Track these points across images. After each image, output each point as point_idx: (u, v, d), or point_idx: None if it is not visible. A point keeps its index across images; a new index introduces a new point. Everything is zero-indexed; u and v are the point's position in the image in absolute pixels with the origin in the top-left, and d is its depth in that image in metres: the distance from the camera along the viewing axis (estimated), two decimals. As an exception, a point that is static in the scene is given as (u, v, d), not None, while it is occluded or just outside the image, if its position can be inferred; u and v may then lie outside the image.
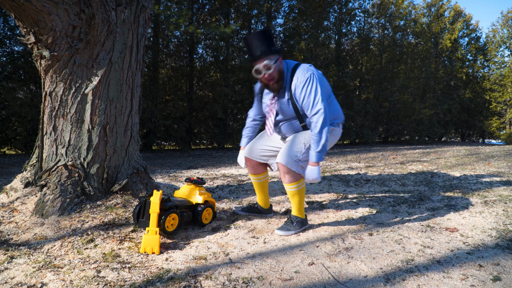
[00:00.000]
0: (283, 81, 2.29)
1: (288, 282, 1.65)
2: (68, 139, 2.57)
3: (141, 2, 2.76)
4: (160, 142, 10.94)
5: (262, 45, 2.20)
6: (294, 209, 2.38)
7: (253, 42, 2.21)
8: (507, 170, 5.13)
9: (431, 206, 3.02)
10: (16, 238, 2.10)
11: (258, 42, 2.20)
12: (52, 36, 2.41)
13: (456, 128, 23.25)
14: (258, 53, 2.20)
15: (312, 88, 2.20)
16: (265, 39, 2.20)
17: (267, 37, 2.21)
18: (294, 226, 2.32)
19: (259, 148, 2.55)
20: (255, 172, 2.62)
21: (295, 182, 2.29)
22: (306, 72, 2.23)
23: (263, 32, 2.21)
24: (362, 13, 16.25)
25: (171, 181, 4.25)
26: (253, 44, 2.21)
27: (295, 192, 2.32)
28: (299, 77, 2.23)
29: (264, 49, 2.20)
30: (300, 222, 2.36)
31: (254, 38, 2.21)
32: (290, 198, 2.37)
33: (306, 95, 2.21)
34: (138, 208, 2.17)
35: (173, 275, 1.68)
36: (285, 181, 2.30)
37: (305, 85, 2.21)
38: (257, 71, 2.24)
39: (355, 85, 16.29)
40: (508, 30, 21.14)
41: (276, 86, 2.28)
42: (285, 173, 2.27)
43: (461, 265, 1.84)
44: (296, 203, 2.36)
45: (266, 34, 2.22)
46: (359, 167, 5.70)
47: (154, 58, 10.32)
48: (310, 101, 2.20)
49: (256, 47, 2.21)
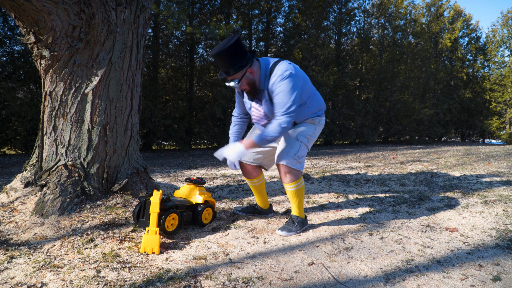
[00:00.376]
0: (256, 89, 2.26)
1: (288, 282, 1.65)
2: (68, 139, 2.57)
3: (141, 2, 2.76)
4: (160, 142, 10.94)
5: (226, 64, 2.14)
6: (295, 209, 2.38)
7: (218, 61, 2.16)
8: (507, 170, 5.13)
9: (431, 206, 3.02)
10: (16, 238, 2.10)
11: (221, 61, 2.14)
12: (52, 36, 2.41)
13: (456, 128, 23.26)
14: (223, 75, 2.19)
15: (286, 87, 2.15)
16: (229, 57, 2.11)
17: (230, 54, 2.11)
18: (295, 226, 2.32)
19: (251, 151, 2.50)
20: (251, 176, 2.60)
21: (296, 181, 2.29)
22: (283, 72, 2.17)
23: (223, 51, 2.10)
24: (362, 13, 16.25)
25: (171, 181, 4.25)
26: (218, 62, 2.17)
27: (295, 192, 2.32)
28: (275, 76, 2.18)
29: (227, 68, 2.15)
30: (301, 222, 2.36)
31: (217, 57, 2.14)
32: (291, 198, 2.36)
33: (278, 94, 2.15)
34: (138, 208, 2.17)
35: (173, 275, 1.68)
36: (286, 181, 2.30)
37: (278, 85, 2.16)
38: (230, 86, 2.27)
39: (355, 85, 16.30)
40: (508, 30, 21.14)
41: (254, 93, 2.27)
42: (286, 173, 2.26)
43: (461, 265, 1.84)
44: (297, 202, 2.35)
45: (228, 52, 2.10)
46: (359, 167, 5.70)
47: (154, 58, 10.32)
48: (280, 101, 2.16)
49: (221, 66, 2.17)
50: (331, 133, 14.29)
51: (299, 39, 13.02)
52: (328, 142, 14.85)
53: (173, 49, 11.38)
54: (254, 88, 2.24)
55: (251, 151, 2.51)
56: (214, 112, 10.68)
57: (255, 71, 2.21)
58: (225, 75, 2.18)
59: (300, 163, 2.29)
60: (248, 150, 2.26)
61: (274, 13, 13.18)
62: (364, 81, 16.40)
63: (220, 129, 11.33)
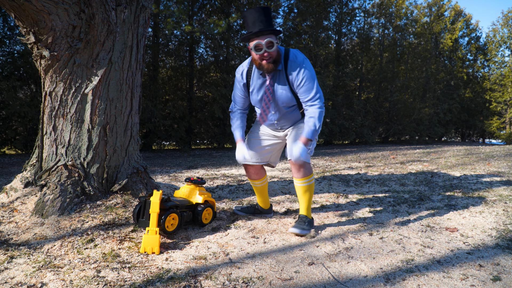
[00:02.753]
0: (279, 63, 2.16)
1: (288, 282, 1.65)
2: (68, 139, 2.57)
3: (141, 2, 2.76)
4: (160, 142, 10.94)
5: (266, 21, 2.05)
6: (304, 207, 2.30)
7: (255, 15, 2.04)
8: (507, 170, 5.13)
9: (431, 206, 3.02)
10: (16, 238, 2.10)
11: (261, 16, 2.04)
12: (52, 36, 2.41)
13: (456, 128, 23.25)
14: (262, 27, 2.03)
15: (309, 72, 2.14)
16: (268, 16, 2.05)
17: (269, 14, 2.07)
18: (306, 225, 2.25)
19: (258, 151, 2.45)
20: (258, 177, 2.54)
21: (309, 176, 2.24)
22: (300, 56, 2.16)
23: (265, 8, 2.05)
24: (362, 13, 16.24)
25: (171, 181, 4.25)
26: (256, 17, 2.04)
27: (307, 188, 2.26)
28: (297, 59, 2.15)
29: (268, 25, 2.05)
30: (310, 222, 2.30)
31: (256, 12, 2.04)
32: (302, 195, 2.28)
33: (305, 79, 2.12)
34: (138, 208, 2.17)
35: (173, 275, 1.68)
36: (299, 176, 2.22)
37: (302, 69, 2.13)
38: (257, 47, 2.08)
39: (355, 85, 16.30)
40: (509, 30, 21.14)
41: (272, 66, 2.14)
42: (301, 167, 2.20)
43: (461, 265, 1.84)
44: (307, 200, 2.29)
45: (268, 11, 2.06)
46: (359, 167, 5.70)
47: (154, 58, 10.32)
48: (309, 86, 2.13)
49: (260, 21, 2.04)
50: (331, 133, 14.28)
51: (299, 39, 13.02)
52: (328, 142, 14.85)
53: (173, 48, 11.38)
54: (278, 58, 2.15)
55: (258, 151, 2.45)
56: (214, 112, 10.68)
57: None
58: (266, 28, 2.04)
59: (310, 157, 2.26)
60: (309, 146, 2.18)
61: (274, 13, 13.18)
62: (364, 81, 16.39)
63: (220, 129, 11.33)
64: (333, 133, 14.36)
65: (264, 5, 11.79)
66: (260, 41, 2.06)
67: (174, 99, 11.07)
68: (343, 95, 14.99)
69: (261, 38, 2.07)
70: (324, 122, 14.11)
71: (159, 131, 10.01)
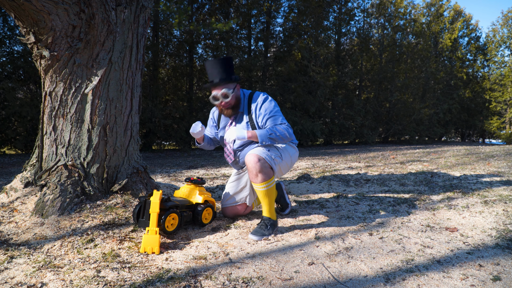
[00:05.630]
0: (239, 107, 2.39)
1: (288, 282, 1.65)
2: (68, 139, 2.57)
3: (141, 2, 2.76)
4: (160, 142, 10.94)
5: (222, 72, 2.26)
6: (266, 209, 2.30)
7: (213, 67, 2.27)
8: (507, 170, 5.13)
9: (431, 206, 3.02)
10: (16, 238, 2.10)
11: (218, 68, 2.25)
12: (52, 36, 2.41)
13: (456, 128, 23.27)
14: (217, 80, 2.28)
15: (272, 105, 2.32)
16: (226, 67, 2.26)
17: (227, 65, 2.27)
18: (268, 229, 2.24)
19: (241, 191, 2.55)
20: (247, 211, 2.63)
21: (268, 180, 2.23)
22: (263, 94, 2.39)
23: (224, 59, 2.26)
24: (361, 13, 16.25)
25: (171, 181, 4.25)
26: (213, 70, 2.28)
27: (266, 192, 2.25)
28: (258, 99, 2.36)
29: (224, 76, 2.27)
30: (273, 224, 2.28)
31: (214, 64, 2.27)
32: (262, 199, 2.29)
33: (269, 111, 2.30)
34: (138, 208, 2.17)
35: (173, 275, 1.68)
36: (258, 181, 2.22)
37: (265, 102, 2.33)
38: (215, 98, 2.32)
39: (355, 85, 16.30)
40: (508, 30, 21.14)
41: (231, 112, 2.38)
42: (258, 173, 2.20)
43: (461, 265, 1.84)
44: (268, 203, 2.29)
45: (227, 61, 2.27)
46: (359, 167, 5.70)
47: (154, 58, 10.32)
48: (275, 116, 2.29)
49: (217, 73, 2.27)
50: (331, 133, 14.29)
51: (298, 39, 13.02)
52: (328, 142, 14.85)
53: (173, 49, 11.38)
54: (237, 104, 2.39)
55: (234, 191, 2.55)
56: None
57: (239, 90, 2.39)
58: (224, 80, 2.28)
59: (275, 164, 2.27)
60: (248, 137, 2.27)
61: (274, 13, 13.18)
62: (364, 81, 16.40)
63: (220, 129, 11.31)
64: (333, 133, 14.36)
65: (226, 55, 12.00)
66: (217, 92, 2.30)
67: (174, 99, 11.07)
68: (343, 95, 14.99)
69: (218, 89, 2.30)
70: (324, 122, 14.12)
71: (159, 131, 10.01)
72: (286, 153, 2.39)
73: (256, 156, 2.20)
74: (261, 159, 2.20)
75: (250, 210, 2.66)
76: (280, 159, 2.33)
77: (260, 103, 2.33)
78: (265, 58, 13.04)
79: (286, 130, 2.26)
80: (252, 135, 2.25)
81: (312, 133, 12.83)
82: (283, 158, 2.36)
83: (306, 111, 13.08)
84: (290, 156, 2.44)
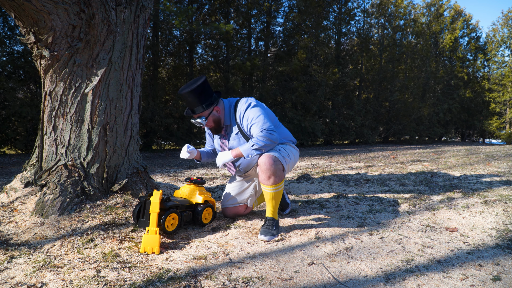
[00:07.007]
0: (220, 126, 2.45)
1: (288, 282, 1.65)
2: (68, 138, 2.57)
3: (141, 2, 2.76)
4: (160, 142, 10.94)
5: (194, 102, 2.32)
6: (271, 210, 2.32)
7: (185, 99, 2.34)
8: (507, 170, 5.13)
9: (431, 206, 3.02)
10: (16, 238, 2.10)
11: (190, 98, 2.31)
12: (52, 36, 2.41)
13: (456, 128, 23.26)
14: (189, 113, 2.39)
15: (254, 111, 2.33)
16: (197, 95, 2.30)
17: (198, 92, 2.30)
18: (275, 229, 2.27)
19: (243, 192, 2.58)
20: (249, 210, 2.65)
21: (279, 183, 2.27)
22: (246, 102, 2.39)
23: (192, 90, 2.28)
24: (362, 13, 16.24)
25: (171, 181, 4.25)
26: (187, 100, 2.34)
27: (274, 194, 2.29)
28: (241, 107, 2.37)
29: (195, 107, 2.34)
30: (277, 224, 2.32)
31: (184, 97, 2.33)
32: (269, 200, 2.31)
33: (251, 119, 2.30)
34: (138, 208, 2.17)
35: (173, 275, 1.68)
36: (269, 183, 2.24)
37: (247, 110, 2.34)
38: (197, 123, 2.41)
39: (355, 84, 16.29)
40: (509, 30, 21.14)
41: (215, 131, 2.47)
42: (272, 175, 2.22)
43: (461, 265, 1.84)
44: (274, 204, 2.32)
45: (197, 90, 2.29)
46: (359, 167, 5.70)
47: (154, 58, 10.32)
48: (256, 123, 2.28)
49: (189, 104, 2.35)
50: (331, 133, 14.28)
51: (299, 39, 13.02)
52: (328, 142, 14.85)
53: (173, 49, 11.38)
54: (218, 125, 2.44)
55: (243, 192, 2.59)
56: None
57: (221, 109, 2.42)
58: (191, 113, 2.38)
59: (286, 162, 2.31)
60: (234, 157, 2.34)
61: (274, 13, 13.18)
62: (364, 81, 16.40)
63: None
64: (333, 133, 14.36)
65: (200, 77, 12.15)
66: (193, 120, 2.41)
67: (174, 99, 11.07)
68: (343, 95, 14.98)
69: (196, 116, 2.40)
70: (324, 121, 14.12)
71: (159, 130, 10.01)
72: (290, 153, 2.44)
73: (271, 157, 2.23)
74: (276, 159, 2.24)
75: (250, 210, 2.68)
76: (289, 158, 2.39)
77: (242, 112, 2.36)
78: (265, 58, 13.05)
79: (267, 136, 2.22)
80: (236, 153, 2.31)
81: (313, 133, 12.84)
82: (290, 157, 2.42)
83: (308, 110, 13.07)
84: (294, 155, 2.50)
